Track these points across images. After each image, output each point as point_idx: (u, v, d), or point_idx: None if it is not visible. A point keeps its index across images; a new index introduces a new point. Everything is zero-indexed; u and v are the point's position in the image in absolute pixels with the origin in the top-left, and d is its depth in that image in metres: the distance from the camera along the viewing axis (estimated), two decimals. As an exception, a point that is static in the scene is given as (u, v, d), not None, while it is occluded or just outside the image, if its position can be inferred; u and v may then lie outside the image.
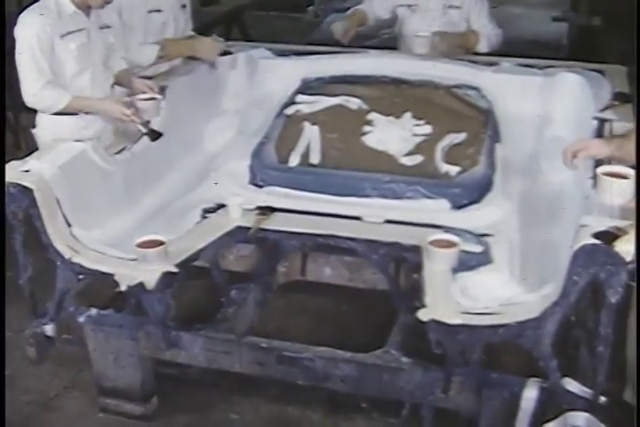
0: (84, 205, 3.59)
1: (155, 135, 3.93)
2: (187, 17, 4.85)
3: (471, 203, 3.77)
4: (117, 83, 4.17)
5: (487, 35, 4.82)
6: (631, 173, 2.91)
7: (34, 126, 4.03)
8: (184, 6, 4.78)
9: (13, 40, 3.81)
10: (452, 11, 4.90)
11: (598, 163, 3.27)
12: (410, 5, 5.02)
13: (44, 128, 3.99)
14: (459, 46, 4.83)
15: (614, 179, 2.90)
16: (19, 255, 3.53)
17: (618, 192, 2.91)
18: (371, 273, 3.73)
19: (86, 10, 3.90)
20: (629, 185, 2.89)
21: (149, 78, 4.30)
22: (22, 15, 3.82)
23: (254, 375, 3.52)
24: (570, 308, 2.93)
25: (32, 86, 3.81)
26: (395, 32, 5.28)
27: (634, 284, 2.89)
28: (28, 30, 3.78)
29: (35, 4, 3.85)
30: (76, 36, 3.87)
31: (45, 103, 3.87)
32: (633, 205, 2.86)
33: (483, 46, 4.82)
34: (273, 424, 3.71)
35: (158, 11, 4.56)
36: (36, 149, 3.82)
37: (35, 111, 3.98)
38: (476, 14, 4.87)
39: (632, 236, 2.77)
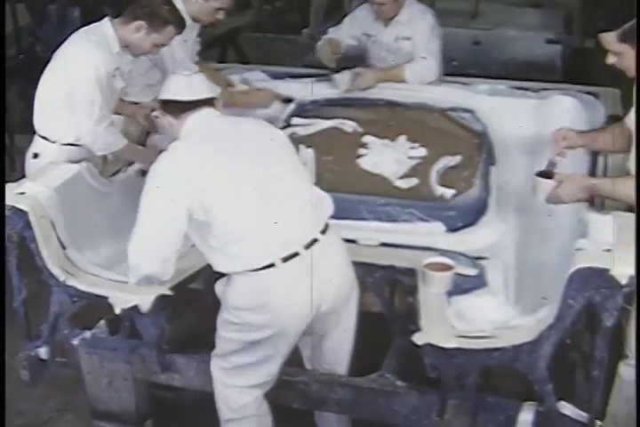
0: (79, 228, 3.58)
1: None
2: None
3: (466, 226, 3.76)
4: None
5: (413, 68, 4.83)
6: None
7: (34, 156, 3.95)
8: (199, 36, 4.70)
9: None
10: (403, 42, 4.95)
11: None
12: (369, 35, 5.07)
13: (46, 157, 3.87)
14: (383, 81, 4.87)
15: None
16: (13, 278, 3.52)
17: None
18: (366, 296, 3.70)
19: (127, 50, 3.85)
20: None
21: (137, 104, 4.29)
22: (75, 45, 3.75)
23: (249, 399, 3.51)
24: (565, 331, 2.93)
25: (90, 125, 3.73)
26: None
27: (629, 307, 2.90)
28: (84, 62, 3.69)
29: (83, 33, 3.79)
30: (119, 75, 3.83)
31: (101, 143, 3.80)
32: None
33: (409, 79, 4.85)
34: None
35: (185, 41, 4.43)
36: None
37: (33, 133, 3.94)
38: (419, 45, 4.90)
39: (629, 258, 2.78)
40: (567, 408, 3.08)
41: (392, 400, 3.26)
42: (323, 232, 3.13)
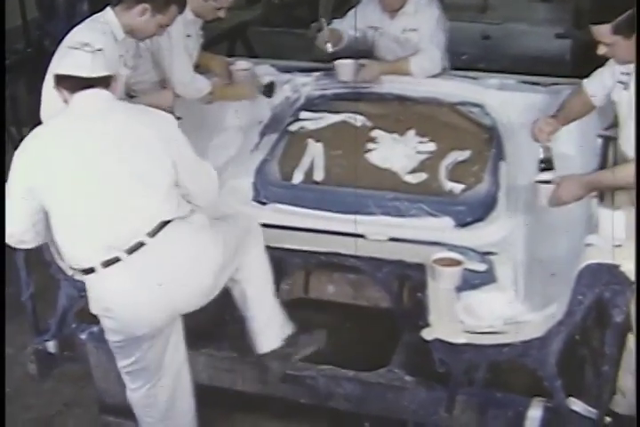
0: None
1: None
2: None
3: (475, 221, 3.74)
4: None
5: (419, 60, 4.81)
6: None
7: None
8: (202, 29, 4.66)
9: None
10: (410, 33, 4.94)
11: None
12: (376, 28, 5.07)
13: None
14: (388, 73, 4.85)
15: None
16: (21, 272, 3.53)
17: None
18: (374, 291, 3.72)
19: (130, 36, 3.82)
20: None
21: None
22: (80, 35, 3.62)
23: (257, 393, 3.51)
24: (575, 327, 2.93)
25: None
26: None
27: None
28: None
29: (86, 23, 3.75)
30: (122, 63, 3.78)
31: None
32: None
33: (415, 72, 4.83)
34: (275, 443, 3.70)
35: (189, 36, 4.40)
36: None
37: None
38: (424, 37, 4.89)
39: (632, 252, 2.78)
40: (576, 404, 3.07)
41: (400, 396, 3.26)
42: (153, 234, 2.99)
